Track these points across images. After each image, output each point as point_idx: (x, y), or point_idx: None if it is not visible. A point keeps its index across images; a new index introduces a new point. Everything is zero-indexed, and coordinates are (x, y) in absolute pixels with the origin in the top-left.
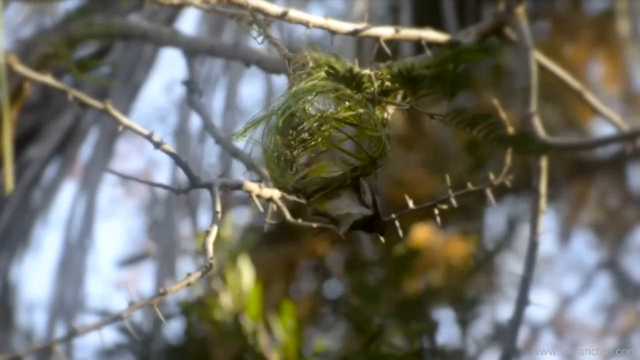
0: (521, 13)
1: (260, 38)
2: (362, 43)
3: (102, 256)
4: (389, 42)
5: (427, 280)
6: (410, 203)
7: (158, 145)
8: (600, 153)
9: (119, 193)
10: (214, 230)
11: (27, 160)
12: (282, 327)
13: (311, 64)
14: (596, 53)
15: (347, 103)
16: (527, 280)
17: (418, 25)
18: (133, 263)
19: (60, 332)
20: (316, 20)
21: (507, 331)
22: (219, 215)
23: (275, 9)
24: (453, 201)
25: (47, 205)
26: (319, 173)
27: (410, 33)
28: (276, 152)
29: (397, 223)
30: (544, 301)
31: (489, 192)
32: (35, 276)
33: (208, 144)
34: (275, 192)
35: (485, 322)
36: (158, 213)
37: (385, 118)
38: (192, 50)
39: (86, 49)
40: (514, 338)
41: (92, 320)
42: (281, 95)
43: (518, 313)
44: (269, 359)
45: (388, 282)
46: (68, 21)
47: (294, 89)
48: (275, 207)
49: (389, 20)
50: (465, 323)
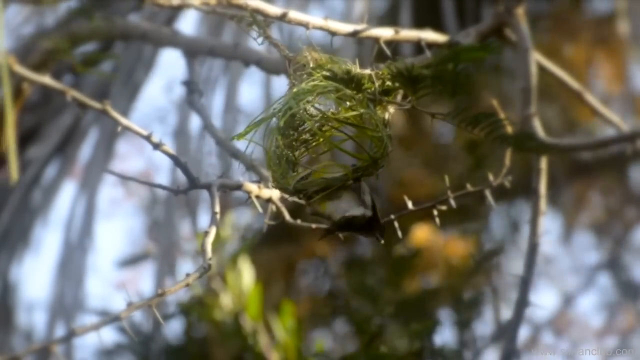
0: (521, 14)
1: (260, 39)
2: (362, 44)
3: (102, 256)
4: (389, 43)
5: (427, 280)
6: (409, 203)
7: (157, 146)
8: (600, 153)
9: (119, 193)
10: (213, 230)
11: (27, 160)
12: (282, 327)
13: (311, 65)
14: (596, 53)
15: (348, 103)
16: (527, 280)
17: (418, 26)
18: (133, 263)
19: (60, 333)
20: (316, 21)
21: (507, 331)
22: (218, 215)
23: (274, 10)
24: (452, 202)
25: (47, 205)
26: (321, 174)
27: (409, 34)
28: (277, 153)
29: (397, 223)
30: (545, 301)
31: (488, 193)
32: (35, 276)
33: (208, 145)
34: (274, 193)
35: (485, 322)
36: (158, 213)
37: (386, 118)
38: (192, 50)
39: (86, 49)
40: (514, 338)
41: (92, 320)
42: (282, 96)
43: (518, 313)
44: (269, 359)
45: (388, 282)
46: (68, 21)
47: (295, 90)
48: (274, 208)
49: (389, 21)
50: (465, 323)
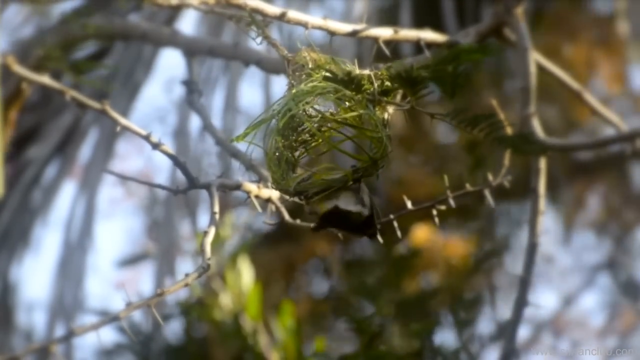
0: (520, 14)
1: (259, 39)
2: (362, 43)
3: (102, 256)
4: (388, 43)
5: (427, 280)
6: (409, 203)
7: (156, 145)
8: (600, 153)
9: (119, 193)
10: (212, 230)
11: (27, 160)
12: (282, 327)
13: (310, 65)
14: (596, 53)
15: (348, 104)
16: (526, 280)
17: (417, 25)
18: (133, 263)
19: (60, 332)
20: (315, 21)
21: (507, 331)
22: (217, 215)
23: (273, 10)
24: (452, 202)
25: (47, 205)
26: (321, 175)
27: (409, 34)
28: (277, 154)
29: (397, 223)
30: (545, 301)
31: (488, 193)
32: (35, 276)
33: (207, 145)
34: (273, 193)
35: (485, 322)
36: (157, 213)
37: (385, 118)
38: (192, 50)
39: (87, 49)
40: (514, 338)
41: (92, 320)
42: (281, 97)
43: (517, 313)
44: (269, 359)
45: (388, 282)
46: (68, 21)
47: (294, 91)
48: (274, 208)
49: (389, 20)
50: (465, 323)
